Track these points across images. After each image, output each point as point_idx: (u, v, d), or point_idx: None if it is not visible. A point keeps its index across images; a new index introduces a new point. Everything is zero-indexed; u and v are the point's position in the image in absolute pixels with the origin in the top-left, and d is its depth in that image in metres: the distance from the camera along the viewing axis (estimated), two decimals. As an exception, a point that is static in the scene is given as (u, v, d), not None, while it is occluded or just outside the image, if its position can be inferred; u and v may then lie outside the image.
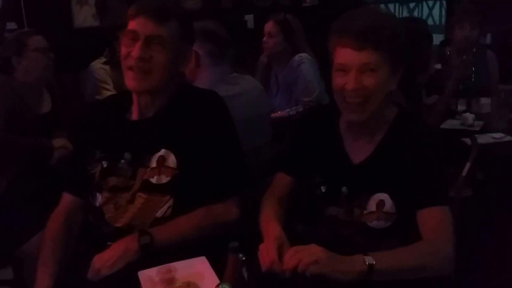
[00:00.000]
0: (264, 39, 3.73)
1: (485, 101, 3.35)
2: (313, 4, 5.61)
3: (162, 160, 1.72)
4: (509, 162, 2.84)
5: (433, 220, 1.56)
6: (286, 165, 1.84)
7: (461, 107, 3.41)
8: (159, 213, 1.72)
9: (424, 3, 6.26)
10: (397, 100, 1.73)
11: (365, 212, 1.64)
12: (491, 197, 2.81)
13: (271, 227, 1.60)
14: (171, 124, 1.77)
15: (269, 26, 3.71)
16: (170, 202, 1.72)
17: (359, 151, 1.70)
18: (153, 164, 1.73)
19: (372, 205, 1.63)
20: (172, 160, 1.72)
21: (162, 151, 1.73)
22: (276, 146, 2.73)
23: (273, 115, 3.43)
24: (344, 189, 1.68)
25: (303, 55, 3.66)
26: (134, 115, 1.82)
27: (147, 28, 1.70)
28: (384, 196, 1.62)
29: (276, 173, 1.85)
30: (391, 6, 6.64)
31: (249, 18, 5.31)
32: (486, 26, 4.13)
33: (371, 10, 1.66)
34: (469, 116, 3.23)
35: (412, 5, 6.39)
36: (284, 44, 3.69)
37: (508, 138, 2.96)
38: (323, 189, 1.72)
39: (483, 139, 2.88)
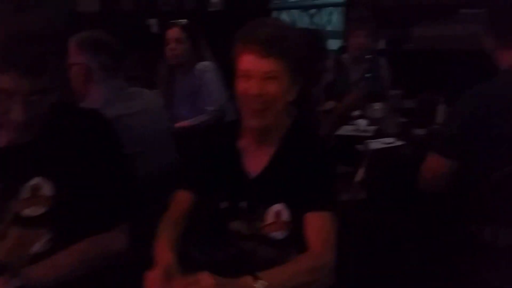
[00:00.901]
0: (170, 46, 3.56)
1: (377, 106, 3.41)
2: (218, 9, 5.51)
3: (35, 189, 1.59)
4: (400, 166, 2.91)
5: (319, 225, 1.60)
6: (186, 182, 1.79)
7: (355, 113, 3.45)
8: (35, 249, 1.59)
9: (324, 9, 6.51)
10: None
11: (264, 224, 1.67)
12: (384, 200, 2.88)
13: (162, 254, 1.55)
14: (45, 149, 1.62)
15: (175, 32, 3.55)
16: (48, 236, 1.60)
17: (256, 164, 1.73)
18: (26, 194, 1.58)
19: (270, 217, 1.67)
20: (47, 189, 1.59)
21: (36, 180, 1.59)
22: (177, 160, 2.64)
23: (176, 125, 3.36)
24: (243, 203, 1.71)
25: (207, 63, 3.58)
26: (3, 141, 1.65)
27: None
28: (280, 206, 1.67)
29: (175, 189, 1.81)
30: (294, 12, 6.79)
31: (153, 22, 5.13)
32: (380, 32, 4.24)
33: (276, 20, 1.73)
34: (362, 122, 3.29)
35: (313, 11, 6.61)
36: (191, 51, 3.57)
37: (399, 142, 3.02)
38: (223, 205, 1.74)
39: (375, 144, 2.96)
